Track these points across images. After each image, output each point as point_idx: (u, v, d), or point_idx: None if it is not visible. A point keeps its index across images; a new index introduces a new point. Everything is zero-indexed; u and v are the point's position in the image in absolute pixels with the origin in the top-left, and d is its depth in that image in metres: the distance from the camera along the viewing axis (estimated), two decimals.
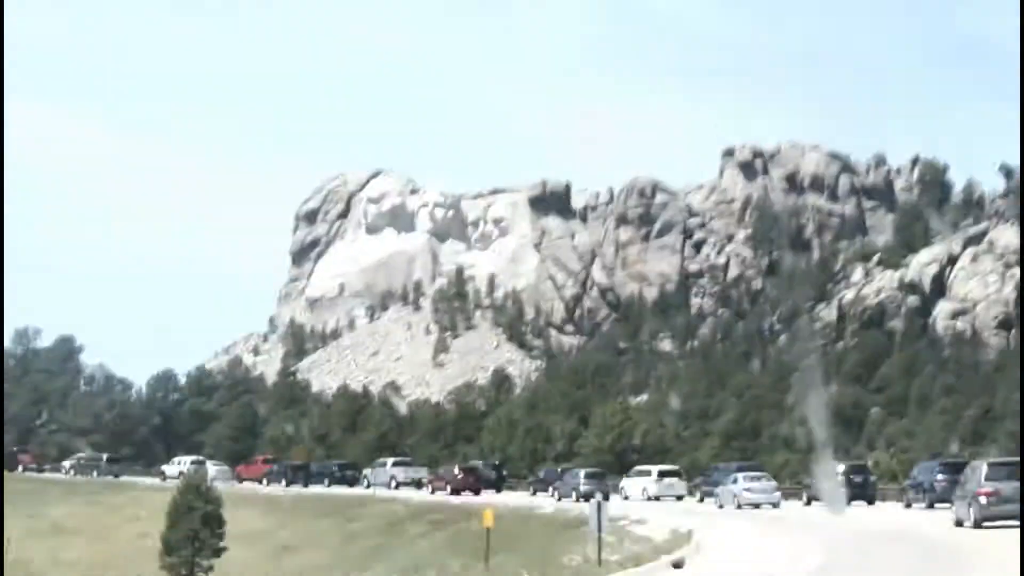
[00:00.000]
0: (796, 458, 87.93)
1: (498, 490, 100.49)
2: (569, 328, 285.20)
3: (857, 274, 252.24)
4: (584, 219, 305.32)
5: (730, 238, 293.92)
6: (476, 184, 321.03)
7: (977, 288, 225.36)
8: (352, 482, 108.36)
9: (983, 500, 43.95)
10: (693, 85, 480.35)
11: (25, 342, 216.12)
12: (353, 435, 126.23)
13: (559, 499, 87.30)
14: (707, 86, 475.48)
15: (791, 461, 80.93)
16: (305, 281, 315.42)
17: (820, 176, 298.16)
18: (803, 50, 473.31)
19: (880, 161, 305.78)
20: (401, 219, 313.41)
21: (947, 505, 51.81)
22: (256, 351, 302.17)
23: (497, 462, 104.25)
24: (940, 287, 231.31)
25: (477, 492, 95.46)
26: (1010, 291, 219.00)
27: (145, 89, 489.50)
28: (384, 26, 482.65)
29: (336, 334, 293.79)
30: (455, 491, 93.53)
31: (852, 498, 66.18)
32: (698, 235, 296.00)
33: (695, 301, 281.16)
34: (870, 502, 72.01)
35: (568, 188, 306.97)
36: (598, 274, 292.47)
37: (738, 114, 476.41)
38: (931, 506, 61.64)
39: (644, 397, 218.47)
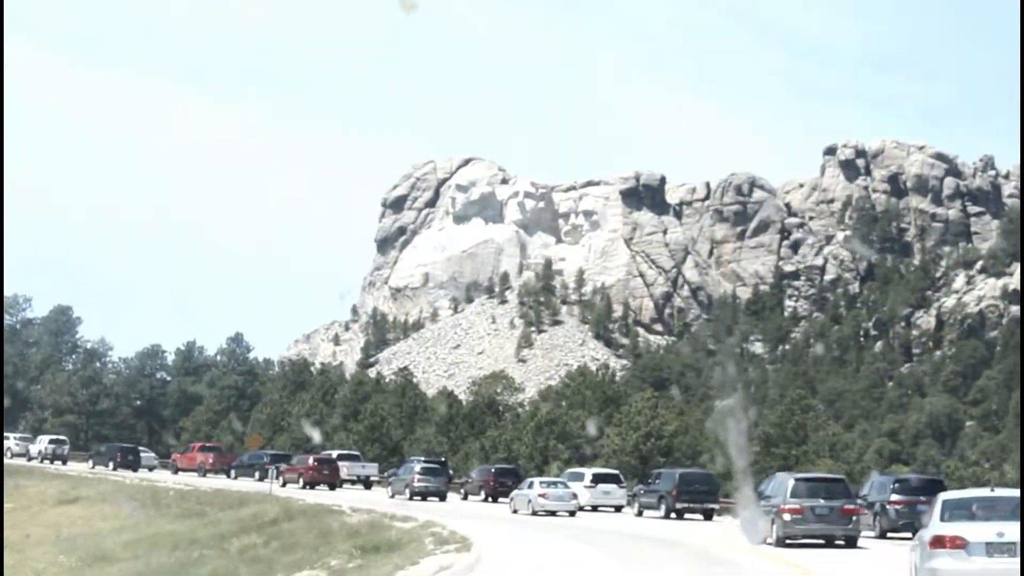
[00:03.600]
0: (839, 467, 79.75)
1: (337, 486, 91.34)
2: (658, 327, 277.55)
3: (959, 281, 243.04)
4: (678, 215, 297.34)
5: (829, 239, 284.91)
6: (568, 175, 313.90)
7: None
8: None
9: (787, 517, 40.80)
10: (795, 81, 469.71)
11: (15, 312, 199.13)
12: (356, 422, 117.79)
13: (391, 495, 79.77)
14: (809, 82, 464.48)
15: (832, 470, 73.01)
16: (389, 270, 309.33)
17: (924, 178, 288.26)
18: (910, 50, 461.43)
19: (988, 164, 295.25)
20: (490, 209, 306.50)
21: (907, 536, 42.56)
22: (337, 340, 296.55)
23: (442, 460, 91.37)
24: None
25: (333, 487, 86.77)
26: None
27: (237, 71, 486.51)
28: (480, 14, 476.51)
29: (419, 325, 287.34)
30: (308, 484, 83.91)
31: None
32: (796, 235, 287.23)
33: (789, 303, 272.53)
34: None
35: (663, 182, 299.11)
36: (690, 272, 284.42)
37: (841, 112, 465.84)
38: (883, 535, 49.70)
39: (731, 400, 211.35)
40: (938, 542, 24.27)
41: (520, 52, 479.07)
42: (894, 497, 47.69)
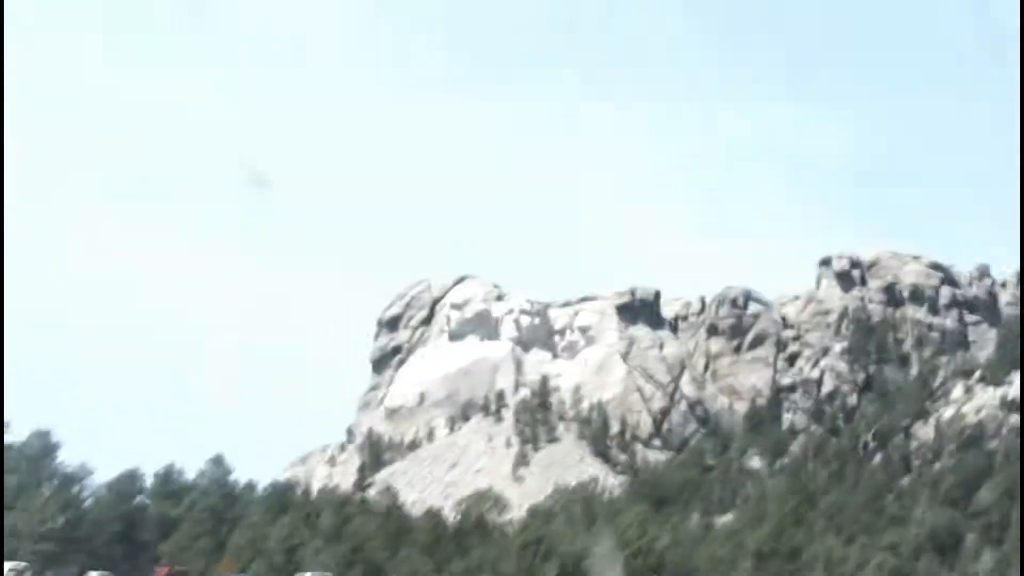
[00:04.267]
0: None
1: None
2: (656, 442, 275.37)
3: (957, 391, 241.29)
4: (674, 329, 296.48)
5: (825, 351, 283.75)
6: (563, 291, 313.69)
7: None
8: None
9: None
10: (789, 193, 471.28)
11: None
12: (338, 543, 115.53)
13: None
14: (804, 194, 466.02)
15: None
16: (385, 390, 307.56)
17: (920, 288, 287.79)
18: (904, 159, 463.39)
19: (983, 273, 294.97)
20: (485, 326, 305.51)
21: None
22: (333, 462, 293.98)
23: None
24: None
25: None
26: None
27: (225, 188, 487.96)
28: (475, 132, 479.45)
29: (415, 445, 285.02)
30: None
31: None
32: (792, 348, 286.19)
33: (787, 416, 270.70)
34: None
35: (657, 296, 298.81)
36: (687, 387, 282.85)
37: (835, 223, 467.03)
38: None
39: (730, 516, 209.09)
40: None
41: (513, 169, 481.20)
42: None
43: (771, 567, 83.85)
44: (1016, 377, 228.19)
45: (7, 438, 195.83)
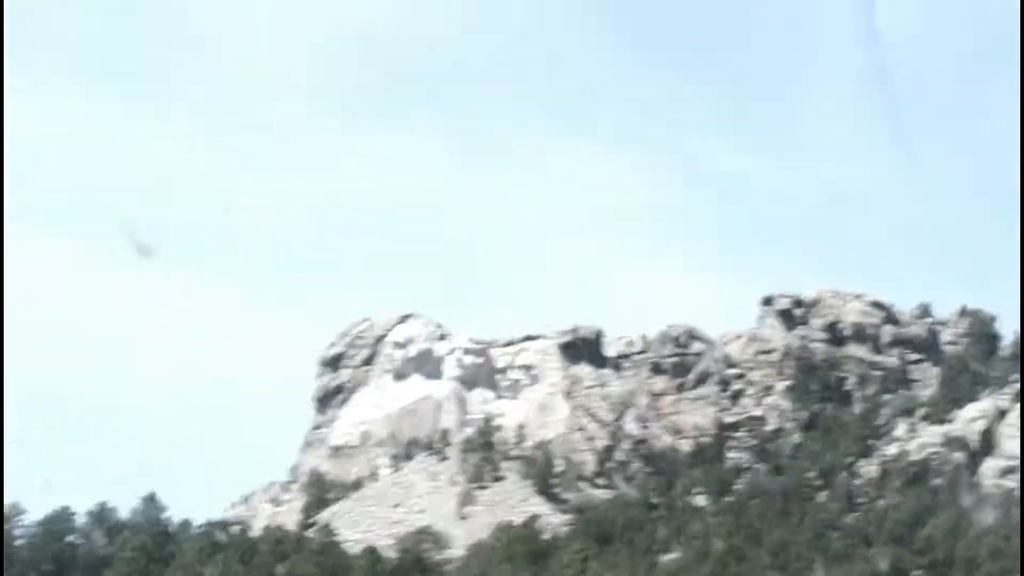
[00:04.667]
0: None
1: None
2: (600, 480, 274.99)
3: (900, 429, 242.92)
4: (617, 367, 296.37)
5: (768, 389, 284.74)
6: (506, 330, 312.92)
7: None
8: None
9: None
10: (728, 232, 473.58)
11: None
12: None
13: None
14: (744, 233, 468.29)
15: None
16: (328, 429, 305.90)
17: (862, 326, 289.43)
18: (842, 197, 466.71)
19: (924, 312, 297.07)
20: (428, 365, 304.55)
21: None
22: (276, 501, 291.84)
23: None
24: (988, 443, 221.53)
25: None
26: None
27: (167, 221, 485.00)
28: (415, 167, 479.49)
29: (358, 484, 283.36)
30: None
31: None
32: (735, 386, 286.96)
33: (731, 455, 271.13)
34: None
35: (599, 335, 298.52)
36: (631, 425, 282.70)
37: (776, 263, 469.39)
38: None
39: (675, 555, 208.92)
40: None
41: (453, 208, 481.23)
42: None
43: None
44: (958, 414, 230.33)
45: None
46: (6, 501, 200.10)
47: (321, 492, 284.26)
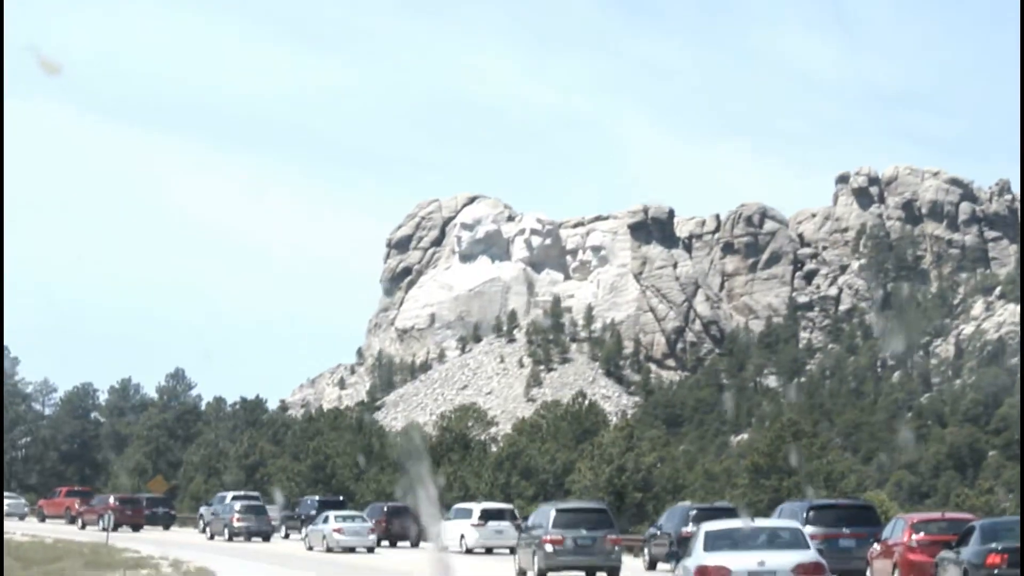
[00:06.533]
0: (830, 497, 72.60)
1: (166, 527, 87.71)
2: (670, 362, 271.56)
3: (977, 307, 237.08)
4: (688, 248, 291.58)
5: (843, 269, 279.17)
6: (575, 211, 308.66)
7: None
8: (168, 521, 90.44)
9: (549, 548, 40.94)
10: (804, 109, 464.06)
11: None
12: (296, 461, 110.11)
13: (211, 536, 74.46)
14: (819, 109, 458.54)
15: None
16: (395, 311, 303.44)
17: (939, 204, 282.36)
18: (920, 75, 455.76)
19: (1004, 188, 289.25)
20: (496, 247, 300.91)
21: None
22: (342, 384, 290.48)
23: (260, 496, 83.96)
24: None
25: (137, 528, 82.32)
26: None
27: (238, 111, 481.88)
28: (486, 53, 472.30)
29: (426, 366, 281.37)
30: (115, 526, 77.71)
31: None
32: (809, 265, 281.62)
33: (804, 335, 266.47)
34: None
35: (671, 215, 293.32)
36: (701, 306, 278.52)
37: (852, 140, 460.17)
38: (653, 566, 48.73)
39: (744, 436, 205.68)
40: (702, 572, 26.32)
41: (522, 88, 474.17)
42: (688, 528, 44.52)
43: (768, 484, 79.02)
44: None
45: None
46: (39, 377, 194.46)
47: (388, 374, 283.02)
